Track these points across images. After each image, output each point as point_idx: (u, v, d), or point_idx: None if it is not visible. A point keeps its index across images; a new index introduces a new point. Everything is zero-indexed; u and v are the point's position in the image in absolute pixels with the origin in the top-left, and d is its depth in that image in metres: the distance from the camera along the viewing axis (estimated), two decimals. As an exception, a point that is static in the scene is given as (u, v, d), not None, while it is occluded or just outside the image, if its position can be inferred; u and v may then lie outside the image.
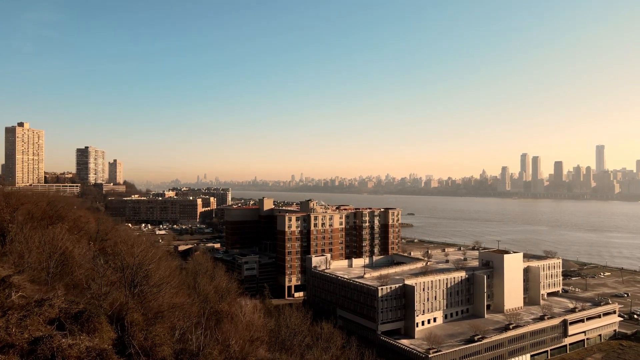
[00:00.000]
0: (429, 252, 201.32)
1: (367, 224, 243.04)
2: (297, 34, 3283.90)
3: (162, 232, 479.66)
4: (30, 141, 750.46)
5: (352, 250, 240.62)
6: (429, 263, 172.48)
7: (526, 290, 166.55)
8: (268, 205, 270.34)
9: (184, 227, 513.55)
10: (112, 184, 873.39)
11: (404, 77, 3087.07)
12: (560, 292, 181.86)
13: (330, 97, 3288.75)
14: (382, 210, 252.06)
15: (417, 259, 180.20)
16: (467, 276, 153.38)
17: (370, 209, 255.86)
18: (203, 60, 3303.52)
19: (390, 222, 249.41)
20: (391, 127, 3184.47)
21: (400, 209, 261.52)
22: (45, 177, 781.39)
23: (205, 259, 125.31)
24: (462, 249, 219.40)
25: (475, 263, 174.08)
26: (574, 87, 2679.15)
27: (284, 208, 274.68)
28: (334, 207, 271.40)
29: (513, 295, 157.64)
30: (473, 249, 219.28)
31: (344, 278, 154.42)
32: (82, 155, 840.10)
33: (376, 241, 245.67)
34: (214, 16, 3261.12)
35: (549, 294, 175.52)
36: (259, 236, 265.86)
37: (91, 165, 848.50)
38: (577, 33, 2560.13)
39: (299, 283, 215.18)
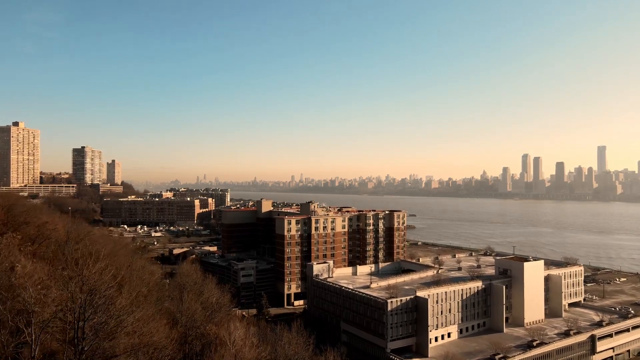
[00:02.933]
0: (440, 258, 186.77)
1: (371, 227, 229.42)
2: (297, 37, 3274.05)
3: (158, 234, 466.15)
4: (25, 141, 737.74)
5: (355, 255, 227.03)
6: (440, 271, 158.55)
7: (547, 301, 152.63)
8: (266, 207, 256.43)
9: (180, 228, 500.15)
10: (109, 184, 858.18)
11: (405, 78, 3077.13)
12: (582, 302, 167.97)
13: (330, 98, 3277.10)
14: (386, 212, 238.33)
15: (427, 267, 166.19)
16: (483, 286, 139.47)
17: (374, 211, 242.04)
18: (204, 61, 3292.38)
19: (396, 225, 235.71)
20: (391, 128, 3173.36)
21: (406, 211, 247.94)
22: (41, 177, 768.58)
23: (194, 270, 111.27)
24: (473, 254, 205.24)
25: (490, 271, 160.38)
26: (575, 88, 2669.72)
27: (283, 210, 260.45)
28: (336, 209, 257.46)
29: (534, 307, 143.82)
30: (485, 254, 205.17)
31: (349, 288, 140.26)
32: (79, 155, 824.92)
33: (380, 245, 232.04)
34: (215, 18, 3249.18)
35: (570, 305, 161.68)
36: (257, 240, 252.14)
37: (87, 166, 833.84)
38: (578, 34, 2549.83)
39: (299, 291, 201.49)
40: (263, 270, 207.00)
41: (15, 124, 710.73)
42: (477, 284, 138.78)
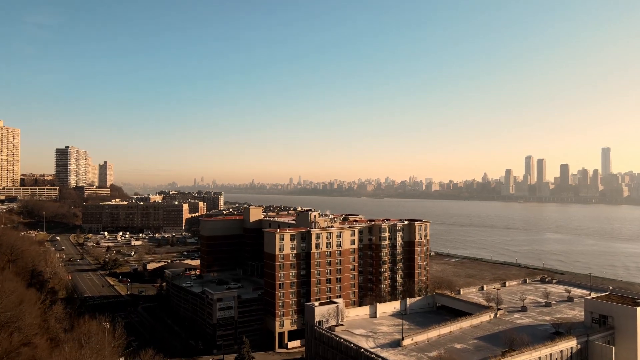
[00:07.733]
0: (489, 290, 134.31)
1: (386, 242, 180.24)
2: (296, 41, 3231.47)
3: (139, 242, 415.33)
4: (3, 140, 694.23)
5: (367, 278, 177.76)
6: (499, 314, 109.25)
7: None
8: (255, 215, 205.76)
9: (166, 236, 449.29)
10: (95, 187, 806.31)
11: (405, 80, 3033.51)
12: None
13: (329, 100, 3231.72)
14: (405, 222, 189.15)
15: (477, 306, 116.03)
16: (579, 346, 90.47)
17: (389, 220, 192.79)
18: (204, 64, 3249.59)
19: (417, 238, 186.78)
20: (391, 130, 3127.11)
21: (429, 222, 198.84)
22: (22, 179, 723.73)
23: (95, 332, 59.71)
24: (528, 280, 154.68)
25: (568, 311, 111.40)
26: (578, 89, 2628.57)
27: (276, 219, 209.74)
28: (341, 219, 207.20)
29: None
30: (543, 280, 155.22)
31: (373, 353, 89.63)
32: (62, 155, 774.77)
33: (398, 265, 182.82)
34: (214, 22, 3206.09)
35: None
36: (244, 256, 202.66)
37: (72, 167, 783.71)
38: (582, 36, 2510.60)
39: (295, 328, 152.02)
40: (247, 301, 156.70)
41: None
42: (570, 344, 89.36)
